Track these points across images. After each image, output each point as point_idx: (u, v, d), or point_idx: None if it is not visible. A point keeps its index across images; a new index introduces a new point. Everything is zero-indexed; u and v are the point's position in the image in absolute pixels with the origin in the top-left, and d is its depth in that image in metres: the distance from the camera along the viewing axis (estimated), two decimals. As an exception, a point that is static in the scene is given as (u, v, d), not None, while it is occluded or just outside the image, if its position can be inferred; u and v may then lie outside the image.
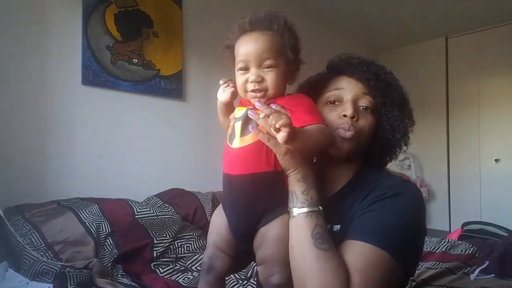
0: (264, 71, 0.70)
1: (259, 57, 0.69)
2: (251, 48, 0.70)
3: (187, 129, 2.27)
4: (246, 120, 0.70)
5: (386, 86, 0.80)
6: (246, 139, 0.69)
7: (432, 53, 4.03)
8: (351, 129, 0.75)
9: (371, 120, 0.78)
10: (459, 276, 1.48)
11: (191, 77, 2.32)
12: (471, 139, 3.75)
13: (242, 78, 0.72)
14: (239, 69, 0.72)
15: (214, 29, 2.49)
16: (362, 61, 0.82)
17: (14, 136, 1.57)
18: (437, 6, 3.23)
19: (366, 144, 0.80)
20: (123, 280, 1.29)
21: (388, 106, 0.79)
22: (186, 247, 1.56)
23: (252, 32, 0.72)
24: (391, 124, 0.79)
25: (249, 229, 0.71)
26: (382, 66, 0.84)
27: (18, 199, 1.51)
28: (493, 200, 3.56)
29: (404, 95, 0.83)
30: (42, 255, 1.28)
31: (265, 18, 0.73)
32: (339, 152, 0.76)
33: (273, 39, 0.71)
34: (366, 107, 0.78)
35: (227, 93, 0.75)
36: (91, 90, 1.83)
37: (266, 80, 0.69)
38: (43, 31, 1.66)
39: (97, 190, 1.76)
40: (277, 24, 0.73)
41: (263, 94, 0.70)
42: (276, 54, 0.70)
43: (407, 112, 0.83)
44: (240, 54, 0.72)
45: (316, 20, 3.46)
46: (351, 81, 0.80)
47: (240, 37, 0.74)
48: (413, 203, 0.72)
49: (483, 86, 3.71)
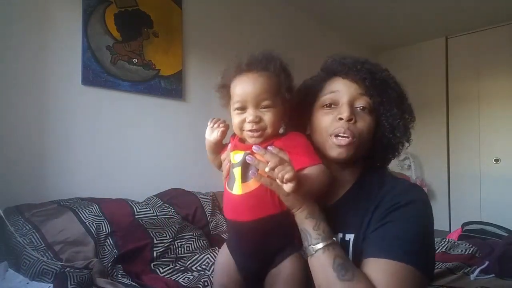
0: (261, 111, 0.71)
1: (257, 98, 0.70)
2: (249, 88, 0.70)
3: (187, 129, 2.27)
4: (245, 165, 0.70)
5: (383, 84, 0.78)
6: (248, 185, 0.70)
7: (432, 53, 4.03)
8: (347, 133, 0.73)
9: (369, 121, 0.76)
10: (459, 276, 1.48)
11: (191, 77, 2.32)
12: (471, 139, 3.75)
13: (239, 117, 0.72)
14: (236, 108, 0.73)
15: (214, 29, 2.50)
16: (356, 61, 0.80)
17: (14, 136, 1.57)
18: (437, 6, 3.23)
19: (367, 146, 0.78)
20: (123, 280, 1.29)
21: (386, 104, 0.77)
22: (186, 247, 1.56)
23: (249, 72, 0.73)
24: (391, 123, 0.77)
25: (260, 269, 0.72)
26: (376, 64, 0.82)
27: (18, 199, 1.51)
28: (493, 200, 3.56)
29: (402, 92, 0.82)
30: (42, 255, 1.28)
31: (262, 59, 0.74)
32: (339, 157, 0.75)
33: (270, 80, 0.72)
34: (363, 108, 0.76)
35: (217, 133, 0.76)
36: (91, 90, 1.83)
37: (263, 120, 0.71)
38: (43, 31, 1.66)
39: (97, 190, 1.76)
40: (274, 65, 0.74)
41: (260, 134, 0.71)
42: (273, 95, 0.71)
43: (407, 108, 0.81)
44: (237, 94, 0.72)
45: (316, 20, 3.46)
46: (346, 82, 0.78)
47: (236, 77, 0.74)
48: (426, 209, 0.72)
49: (483, 86, 3.71)
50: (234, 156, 0.74)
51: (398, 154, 0.85)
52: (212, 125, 0.79)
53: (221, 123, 0.78)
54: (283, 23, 3.10)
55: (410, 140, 0.82)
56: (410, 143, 0.83)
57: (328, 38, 3.62)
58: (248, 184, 0.70)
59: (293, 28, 3.19)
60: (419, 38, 4.00)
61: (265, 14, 2.93)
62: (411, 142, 0.83)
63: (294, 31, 3.20)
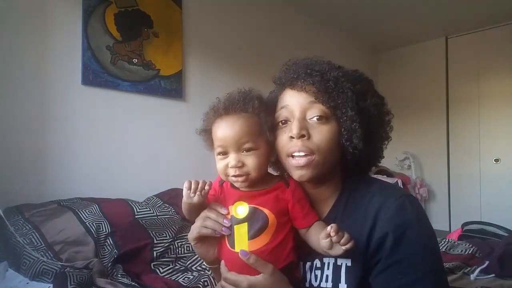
0: (244, 154, 0.67)
1: (238, 142, 0.67)
2: (228, 132, 0.67)
3: (187, 129, 2.27)
4: (252, 219, 0.67)
5: (336, 85, 0.69)
6: (256, 242, 0.66)
7: (432, 53, 4.03)
8: (303, 150, 0.66)
9: (327, 131, 0.68)
10: (459, 276, 1.48)
11: (191, 77, 2.32)
12: (471, 139, 3.75)
13: (223, 163, 0.69)
14: (218, 153, 0.70)
15: (214, 29, 2.50)
16: (304, 65, 0.72)
17: (14, 136, 1.57)
18: (437, 6, 3.23)
19: (333, 158, 0.70)
20: (123, 280, 1.28)
21: (342, 107, 0.68)
22: (186, 247, 1.55)
23: (228, 116, 0.69)
24: (347, 128, 0.68)
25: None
26: (327, 62, 0.74)
27: (18, 199, 1.51)
28: (493, 200, 3.56)
29: (362, 87, 0.72)
30: (42, 255, 1.28)
31: (238, 100, 0.70)
32: (303, 180, 0.69)
33: (250, 121, 0.68)
34: (320, 117, 0.68)
35: (200, 196, 0.69)
36: (91, 90, 1.83)
37: (246, 164, 0.67)
38: (43, 31, 1.66)
39: (97, 190, 1.76)
40: (252, 105, 0.70)
41: (244, 179, 0.68)
42: (254, 136, 0.68)
43: (369, 105, 0.72)
44: (217, 139, 0.69)
45: (315, 20, 3.46)
46: (293, 94, 0.71)
47: (216, 121, 0.71)
48: (424, 227, 0.67)
49: (483, 86, 3.71)
50: (237, 209, 0.69)
51: (376, 162, 0.78)
52: (192, 192, 0.69)
53: (201, 187, 0.69)
54: (283, 23, 3.10)
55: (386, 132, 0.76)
56: (389, 137, 0.76)
57: (328, 39, 3.62)
58: (256, 241, 0.66)
59: (292, 28, 3.19)
60: (419, 38, 4.00)
61: (264, 14, 2.93)
62: (389, 135, 0.76)
63: (293, 31, 3.20)
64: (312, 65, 0.72)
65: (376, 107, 0.73)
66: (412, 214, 0.66)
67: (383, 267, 0.65)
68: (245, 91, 0.73)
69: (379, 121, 0.74)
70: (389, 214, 0.66)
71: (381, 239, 0.65)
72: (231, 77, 2.57)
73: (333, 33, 3.71)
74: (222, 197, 0.74)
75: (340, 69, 0.74)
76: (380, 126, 0.75)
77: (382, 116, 0.75)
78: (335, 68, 0.73)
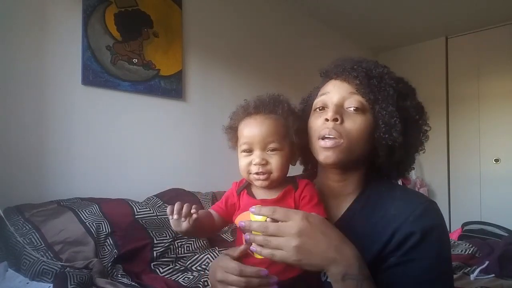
0: (268, 154, 0.70)
1: (264, 140, 0.69)
2: (256, 131, 0.70)
3: (187, 129, 2.27)
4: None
5: (379, 81, 0.72)
6: None
7: (432, 53, 4.03)
8: (332, 133, 0.69)
9: (360, 121, 0.71)
10: (459, 276, 1.48)
11: (191, 77, 2.32)
12: (471, 139, 3.75)
13: (246, 160, 0.71)
14: (243, 150, 0.72)
15: (214, 29, 2.50)
16: (351, 61, 0.77)
17: (14, 136, 1.57)
18: (437, 6, 3.23)
19: (363, 150, 0.72)
20: (123, 280, 1.28)
21: (382, 102, 0.71)
22: (186, 247, 1.55)
23: (257, 115, 0.72)
24: (386, 122, 0.70)
25: None
26: (374, 61, 0.78)
27: (18, 199, 1.51)
28: (493, 200, 3.56)
29: (404, 88, 0.76)
30: (42, 255, 1.28)
31: (269, 101, 0.74)
32: (326, 161, 0.71)
33: (278, 123, 0.71)
34: (356, 108, 0.71)
35: (187, 224, 0.65)
36: (91, 90, 1.83)
37: (270, 163, 0.69)
38: (43, 31, 1.66)
39: (97, 190, 1.76)
40: (282, 108, 0.73)
41: (266, 177, 0.69)
42: (280, 137, 0.70)
43: (411, 106, 0.75)
44: (244, 136, 0.72)
45: (315, 21, 3.45)
46: (336, 83, 0.75)
47: (244, 119, 0.73)
48: (444, 235, 0.69)
49: (483, 86, 3.71)
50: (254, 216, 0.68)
51: (409, 168, 0.79)
52: (177, 218, 0.65)
53: (186, 213, 0.65)
54: (283, 23, 3.10)
55: (420, 146, 0.77)
56: (423, 148, 0.77)
57: (328, 39, 3.62)
58: None
59: (293, 28, 3.19)
60: (419, 38, 4.00)
61: (265, 14, 2.93)
62: (422, 150, 0.77)
63: (294, 31, 3.20)
64: (360, 62, 0.76)
65: (415, 110, 0.76)
66: (437, 219, 0.69)
67: (396, 261, 0.66)
68: (275, 95, 0.77)
69: (416, 126, 0.76)
70: (414, 216, 0.67)
71: (404, 238, 0.66)
72: (231, 77, 2.57)
73: (333, 33, 3.70)
74: (237, 205, 0.75)
75: (386, 68, 0.77)
76: (417, 132, 0.76)
77: (420, 122, 0.77)
78: (381, 66, 0.77)
